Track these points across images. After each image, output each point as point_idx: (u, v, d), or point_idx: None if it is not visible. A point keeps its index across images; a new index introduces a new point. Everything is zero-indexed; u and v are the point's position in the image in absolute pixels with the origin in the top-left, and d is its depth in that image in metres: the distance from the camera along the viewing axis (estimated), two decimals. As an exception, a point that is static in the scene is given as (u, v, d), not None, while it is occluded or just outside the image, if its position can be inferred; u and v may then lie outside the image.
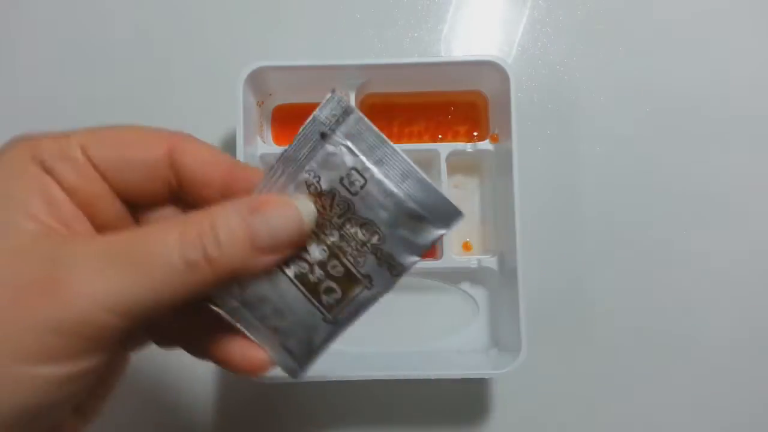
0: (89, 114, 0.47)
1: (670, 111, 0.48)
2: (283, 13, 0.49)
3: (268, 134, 0.46)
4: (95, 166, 0.26)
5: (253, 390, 0.39)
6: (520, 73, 0.48)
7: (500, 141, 0.44)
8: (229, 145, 0.46)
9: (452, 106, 0.46)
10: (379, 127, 0.45)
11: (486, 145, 0.44)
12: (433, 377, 0.41)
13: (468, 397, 0.46)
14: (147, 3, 0.49)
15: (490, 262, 0.44)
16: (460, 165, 0.46)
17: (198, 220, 0.24)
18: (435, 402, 0.45)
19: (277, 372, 0.27)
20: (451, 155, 0.44)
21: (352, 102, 0.43)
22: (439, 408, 0.46)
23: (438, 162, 0.43)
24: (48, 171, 0.25)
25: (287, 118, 0.46)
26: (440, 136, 0.46)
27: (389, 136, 0.45)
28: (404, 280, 0.25)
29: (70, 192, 0.25)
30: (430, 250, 0.45)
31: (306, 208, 0.25)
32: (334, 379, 0.41)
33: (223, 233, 0.23)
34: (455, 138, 0.46)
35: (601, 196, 0.47)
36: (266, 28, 0.49)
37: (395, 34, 0.49)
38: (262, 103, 0.45)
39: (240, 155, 0.40)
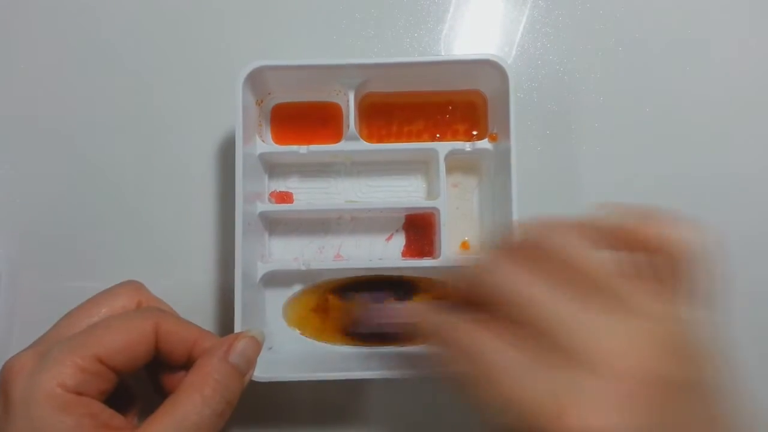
0: (87, 113, 0.47)
1: (670, 111, 0.48)
2: (283, 13, 0.49)
3: (267, 133, 0.46)
4: (111, 368, 0.33)
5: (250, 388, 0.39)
6: (520, 73, 0.48)
7: (499, 140, 0.44)
8: (229, 145, 0.46)
9: (451, 106, 0.46)
10: (377, 126, 0.46)
11: (485, 144, 0.44)
12: (430, 376, 0.41)
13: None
14: (146, 2, 0.49)
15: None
16: (458, 164, 0.46)
17: (205, 382, 0.33)
18: (432, 401, 0.45)
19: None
20: (450, 154, 0.44)
21: (351, 101, 0.43)
22: (437, 407, 0.45)
23: (437, 161, 0.43)
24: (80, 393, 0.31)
25: (286, 117, 0.46)
26: (439, 135, 0.46)
27: (388, 136, 0.46)
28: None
29: (100, 395, 0.32)
30: (429, 250, 0.46)
31: (258, 333, 0.37)
32: (329, 378, 0.40)
33: (223, 379, 0.33)
34: (454, 137, 0.46)
35: (600, 197, 0.47)
36: (267, 27, 0.49)
37: (395, 34, 0.49)
38: (261, 102, 0.45)
39: (239, 155, 0.40)
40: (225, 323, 0.45)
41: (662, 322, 0.26)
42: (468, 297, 0.31)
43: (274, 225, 0.46)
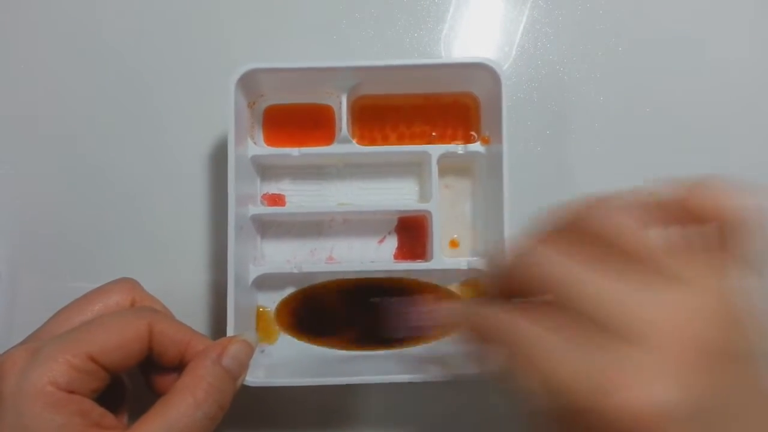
0: (81, 115, 0.48)
1: (671, 111, 0.47)
2: (283, 14, 0.49)
3: (259, 135, 0.46)
4: (103, 367, 0.32)
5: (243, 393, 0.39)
6: (520, 74, 0.48)
7: (491, 143, 0.43)
8: (221, 147, 0.46)
9: (444, 108, 0.46)
10: (370, 129, 0.46)
11: (477, 147, 0.44)
12: (425, 379, 0.41)
13: (463, 397, 0.45)
14: (139, 5, 0.49)
15: (480, 263, 0.43)
16: (451, 167, 0.45)
17: (198, 385, 0.32)
18: (429, 404, 0.45)
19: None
20: (443, 157, 0.43)
21: (344, 104, 0.43)
22: (433, 409, 0.45)
23: (429, 164, 0.43)
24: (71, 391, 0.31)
25: (278, 119, 0.46)
26: (435, 134, 0.46)
27: (381, 138, 0.46)
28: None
29: (91, 393, 0.32)
30: (420, 253, 0.45)
31: (251, 337, 0.36)
32: (322, 383, 0.41)
33: (216, 383, 0.33)
34: (448, 140, 0.46)
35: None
36: (267, 28, 0.49)
37: (395, 35, 0.49)
38: (254, 104, 0.45)
39: (231, 157, 0.40)
40: (217, 326, 0.45)
41: (712, 292, 0.25)
42: (504, 288, 0.30)
43: (267, 227, 0.46)
